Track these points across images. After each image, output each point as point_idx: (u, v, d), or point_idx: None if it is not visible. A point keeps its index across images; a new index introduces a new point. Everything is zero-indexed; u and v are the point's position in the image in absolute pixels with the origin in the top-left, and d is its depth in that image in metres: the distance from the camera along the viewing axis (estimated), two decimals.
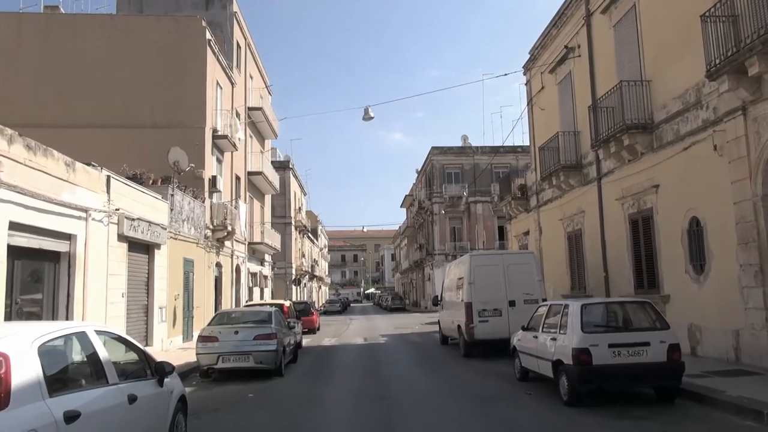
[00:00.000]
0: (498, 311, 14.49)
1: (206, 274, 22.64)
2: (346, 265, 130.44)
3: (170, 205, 18.52)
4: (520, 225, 24.70)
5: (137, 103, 22.95)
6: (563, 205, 19.39)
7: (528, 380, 10.55)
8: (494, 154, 50.54)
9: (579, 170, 17.87)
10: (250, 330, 12.12)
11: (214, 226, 23.62)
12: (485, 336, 14.41)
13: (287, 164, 52.85)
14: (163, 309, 17.59)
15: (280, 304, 17.89)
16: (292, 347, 14.36)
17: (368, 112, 20.62)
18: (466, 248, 52.84)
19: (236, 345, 11.82)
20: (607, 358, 7.95)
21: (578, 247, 18.24)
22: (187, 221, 20.23)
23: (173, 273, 18.68)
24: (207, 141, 23.34)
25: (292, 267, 51.37)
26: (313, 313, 27.46)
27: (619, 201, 15.20)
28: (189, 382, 12.15)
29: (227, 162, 26.73)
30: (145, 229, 15.93)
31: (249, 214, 31.70)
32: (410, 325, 30.87)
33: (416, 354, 16.77)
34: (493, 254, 15.99)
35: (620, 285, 15.23)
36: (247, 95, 31.86)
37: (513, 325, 14.32)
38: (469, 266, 14.80)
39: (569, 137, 18.18)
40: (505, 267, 14.80)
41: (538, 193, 22.21)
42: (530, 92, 22.79)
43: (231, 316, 13.48)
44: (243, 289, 29.50)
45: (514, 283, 14.65)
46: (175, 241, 18.98)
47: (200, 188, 22.49)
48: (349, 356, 16.64)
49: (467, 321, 14.47)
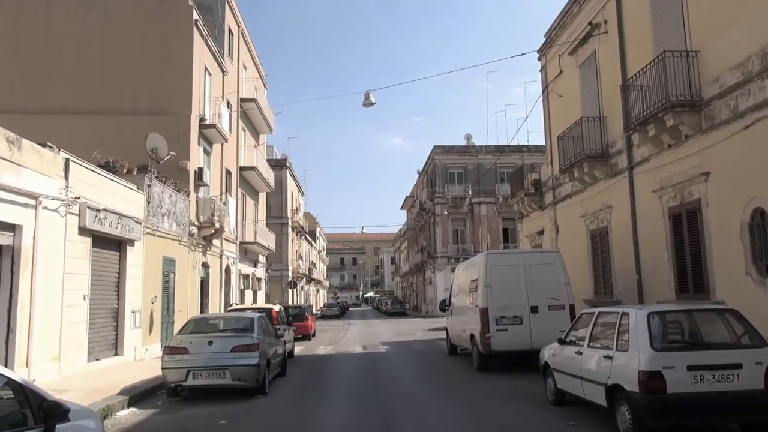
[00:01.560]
0: (518, 318, 12.52)
1: (191, 275, 20.68)
2: (345, 268, 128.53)
3: (147, 196, 16.56)
4: (533, 224, 22.74)
5: (116, 87, 21.03)
6: (585, 201, 17.44)
7: (564, 404, 8.59)
8: (500, 153, 48.65)
9: (605, 160, 15.92)
10: (226, 340, 10.16)
11: (200, 223, 21.65)
12: (503, 347, 12.45)
13: (284, 162, 50.90)
14: (136, 313, 15.61)
15: (268, 308, 15.91)
16: (279, 359, 12.40)
17: (369, 98, 18.71)
18: (470, 251, 50.88)
19: (210, 358, 9.85)
20: (687, 385, 5.99)
21: (603, 246, 16.28)
22: (167, 216, 18.27)
23: (150, 273, 16.72)
24: (193, 130, 21.40)
25: (288, 269, 49.37)
26: (308, 318, 25.47)
27: (656, 193, 13.25)
28: (154, 401, 10.18)
29: (216, 155, 24.79)
30: (115, 222, 13.98)
31: (241, 211, 29.74)
32: (412, 332, 28.88)
33: (422, 366, 14.79)
34: (513, 253, 14.06)
35: (657, 289, 13.28)
36: (241, 85, 29.95)
37: (536, 335, 12.41)
38: (485, 266, 12.84)
39: (593, 124, 16.24)
40: (526, 268, 12.85)
41: (554, 189, 20.26)
42: (546, 78, 20.86)
43: (207, 323, 11.51)
44: (233, 291, 27.52)
45: (536, 286, 12.70)
46: (153, 238, 17.02)
47: (185, 181, 20.53)
48: (347, 369, 14.66)
49: (482, 329, 12.51)
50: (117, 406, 9.25)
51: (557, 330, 12.44)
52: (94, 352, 13.45)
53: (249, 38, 31.81)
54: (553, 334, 12.43)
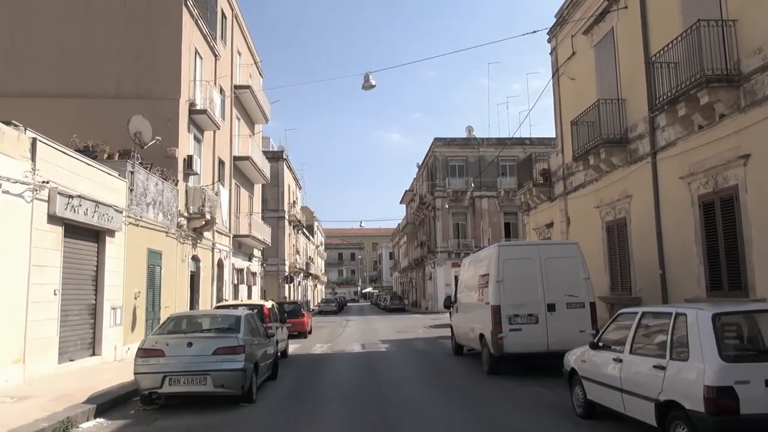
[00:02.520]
0: (533, 317, 11.35)
1: (179, 268, 19.48)
2: (343, 263, 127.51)
3: (129, 184, 15.36)
4: (541, 216, 21.58)
5: (100, 69, 19.77)
6: (600, 190, 16.27)
7: (595, 418, 7.42)
8: (502, 146, 47.44)
9: (624, 146, 14.74)
10: (208, 341, 8.97)
11: (189, 214, 20.45)
12: (517, 349, 11.28)
13: (281, 155, 49.64)
14: (117, 310, 14.43)
15: (260, 305, 14.72)
16: (270, 361, 11.23)
17: (369, 80, 17.51)
18: (471, 246, 49.73)
19: (189, 362, 8.67)
20: (766, 404, 4.83)
21: (621, 239, 15.12)
22: (153, 206, 17.06)
23: (133, 266, 15.54)
24: (182, 115, 20.17)
25: (285, 264, 48.13)
26: (305, 314, 24.29)
27: (684, 180, 12.07)
28: (127, 410, 9.01)
29: (208, 143, 23.56)
30: (91, 210, 12.78)
31: (235, 203, 28.53)
32: (413, 329, 27.73)
33: (426, 369, 13.63)
34: (527, 245, 12.87)
35: (684, 286, 12.12)
36: (234, 72, 28.69)
37: (553, 336, 11.27)
38: (497, 260, 11.66)
39: (611, 107, 15.04)
40: (542, 261, 11.67)
41: (565, 178, 19.08)
42: (556, 61, 19.65)
43: (188, 321, 10.31)
44: (227, 286, 26.34)
45: (553, 281, 11.52)
46: (137, 228, 15.82)
47: (173, 169, 19.33)
48: (344, 371, 13.49)
49: (494, 329, 11.34)
50: (81, 416, 8.08)
51: (576, 330, 11.35)
52: (67, 353, 12.27)
53: (243, 23, 30.51)
54: (572, 334, 11.33)
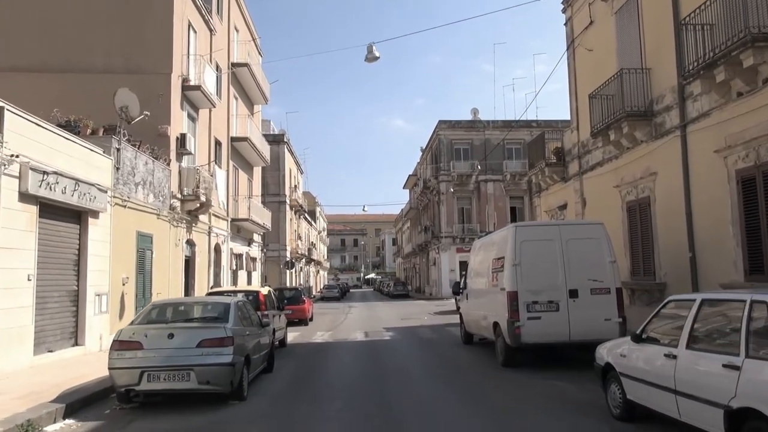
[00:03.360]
0: (554, 304, 10.31)
1: (173, 253, 18.49)
2: (346, 249, 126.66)
3: (115, 162, 14.31)
4: (554, 198, 20.49)
5: (87, 42, 18.67)
6: (621, 168, 15.16)
7: (636, 421, 6.41)
8: (508, 129, 46.19)
9: (648, 119, 13.62)
10: (192, 332, 7.96)
11: (183, 196, 19.42)
12: (536, 339, 10.26)
13: (282, 138, 48.51)
14: (102, 296, 13.46)
15: (255, 291, 13.71)
16: (264, 352, 10.24)
17: (372, 51, 16.41)
18: (476, 230, 48.65)
19: (170, 355, 7.67)
20: None
21: (644, 220, 14.05)
22: (142, 186, 16.03)
23: (121, 250, 14.54)
24: (174, 91, 19.07)
25: (286, 249, 47.18)
26: (305, 301, 23.33)
27: (719, 153, 10.97)
28: (102, 408, 8.03)
29: (203, 121, 22.46)
30: (70, 188, 11.74)
31: (233, 185, 27.48)
32: (418, 315, 26.78)
33: (434, 359, 12.63)
34: (547, 225, 11.79)
35: (718, 269, 11.06)
36: (232, 49, 27.51)
37: (575, 324, 10.24)
38: (513, 241, 10.61)
39: (634, 78, 13.90)
40: (564, 243, 10.61)
41: (581, 157, 17.97)
42: (572, 32, 18.44)
43: (173, 309, 9.28)
44: (224, 272, 25.38)
45: (576, 264, 10.47)
46: (124, 210, 14.81)
47: (165, 148, 18.28)
48: (346, 362, 12.51)
49: (510, 317, 10.31)
50: (46, 418, 7.10)
51: (601, 318, 10.32)
52: (45, 343, 11.31)
53: None
54: (596, 323, 10.30)
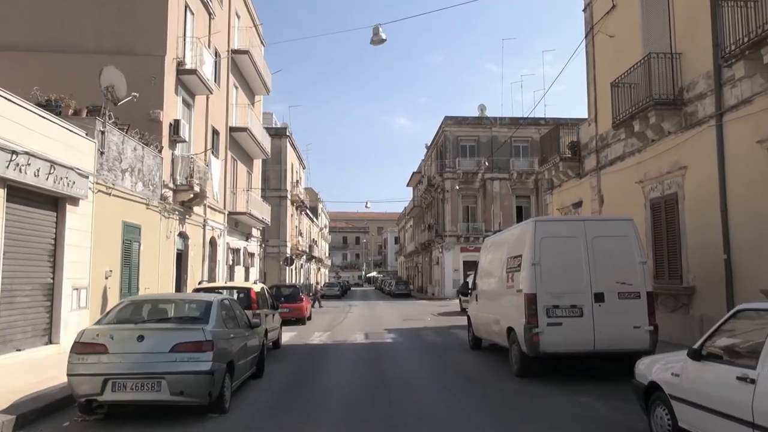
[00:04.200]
0: (577, 309, 9.23)
1: (163, 246, 17.45)
2: (348, 247, 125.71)
3: (99, 145, 13.26)
4: (567, 195, 19.40)
5: (77, 21, 17.66)
6: (645, 162, 14.07)
7: None
8: (516, 126, 45.07)
9: (678, 108, 12.52)
10: (165, 334, 6.89)
11: (176, 186, 18.37)
12: (556, 348, 9.17)
13: (284, 131, 47.45)
14: (81, 291, 12.41)
15: (246, 288, 12.63)
16: (253, 356, 9.18)
17: (378, 33, 15.31)
18: (481, 230, 47.60)
19: (139, 361, 6.61)
20: None
21: (670, 218, 12.96)
22: (130, 173, 14.98)
23: (104, 241, 13.50)
24: (168, 75, 18.01)
25: (287, 246, 46.14)
26: (303, 299, 22.27)
27: (763, 144, 9.88)
28: (61, 420, 6.97)
29: (200, 109, 21.40)
30: (44, 171, 10.69)
31: (231, 177, 26.44)
32: (420, 316, 25.71)
33: (441, 366, 11.55)
34: (571, 221, 10.69)
35: (759, 272, 9.98)
36: (232, 35, 26.44)
37: (601, 332, 9.15)
38: (533, 238, 9.52)
39: (662, 64, 12.80)
40: (589, 240, 9.52)
41: (599, 151, 16.87)
42: (591, 18, 17.33)
43: (145, 307, 8.23)
44: (220, 267, 24.33)
45: (602, 265, 9.38)
46: (108, 198, 13.76)
47: (157, 134, 17.23)
48: (344, 368, 11.43)
49: (528, 322, 9.23)
50: None
51: (630, 326, 9.21)
52: (12, 341, 10.27)
53: None
54: (625, 331, 9.17)
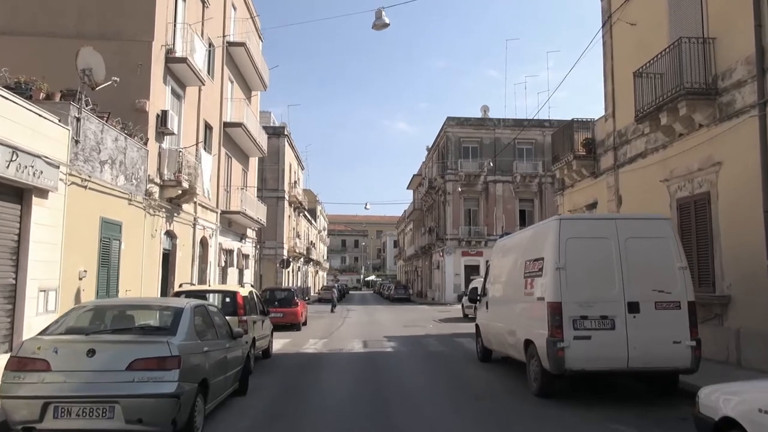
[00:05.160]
0: (608, 320, 8.03)
1: (148, 245, 16.23)
2: (347, 250, 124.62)
3: (74, 133, 12.05)
4: (580, 195, 18.23)
5: (58, 2, 16.46)
6: (670, 159, 12.89)
7: None
8: (520, 128, 43.92)
9: (712, 99, 11.35)
10: (122, 348, 5.69)
11: (163, 181, 17.16)
12: (584, 364, 7.97)
13: (282, 130, 46.37)
14: (50, 293, 11.18)
15: (232, 292, 11.40)
16: (235, 371, 7.98)
17: (381, 16, 14.22)
18: (483, 233, 46.49)
19: (88, 381, 5.41)
20: None
21: (701, 219, 11.77)
22: (111, 165, 13.79)
23: (78, 238, 12.28)
24: (156, 62, 16.82)
25: (283, 248, 44.96)
26: (298, 303, 21.06)
27: None
28: None
29: (191, 101, 20.22)
30: (5, 158, 9.48)
31: (225, 175, 25.26)
32: (421, 323, 24.51)
33: (448, 383, 10.33)
34: (600, 219, 9.43)
35: None
36: (228, 27, 25.28)
37: (635, 347, 7.94)
38: (556, 238, 8.33)
39: (693, 50, 11.63)
40: (621, 242, 8.33)
41: (616, 148, 15.71)
42: (609, 6, 16.19)
43: (108, 313, 7.01)
44: (212, 268, 23.09)
45: (637, 270, 8.20)
46: (84, 191, 12.55)
47: (143, 125, 16.05)
48: (340, 384, 10.22)
49: (551, 335, 8.03)
50: None
51: (669, 340, 7.96)
52: None
53: None
54: (663, 346, 7.90)
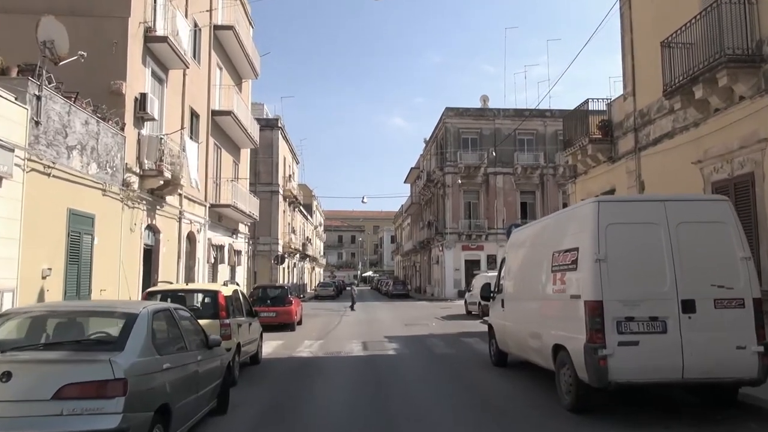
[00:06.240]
0: (659, 322, 6.70)
1: (127, 240, 14.85)
2: (343, 246, 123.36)
3: (34, 113, 10.65)
4: (595, 182, 16.90)
5: None
6: (705, 138, 11.57)
7: None
8: (522, 118, 42.55)
9: (756, 67, 10.02)
10: (47, 370, 4.30)
11: (143, 171, 15.76)
12: (631, 375, 6.63)
13: (275, 122, 44.91)
14: (5, 294, 9.79)
15: (213, 291, 9.99)
16: (212, 386, 6.62)
17: None
18: (483, 227, 45.20)
19: (2, 413, 4.04)
20: None
21: (743, 204, 10.39)
22: (80, 151, 12.38)
23: (41, 232, 10.90)
24: (134, 41, 15.41)
25: (278, 243, 43.56)
26: (292, 301, 19.69)
27: None
28: None
29: (174, 86, 18.78)
30: None
31: (215, 167, 23.87)
32: (423, 320, 23.19)
33: (463, 395, 8.98)
34: (645, 202, 8.00)
35: None
36: (215, 11, 23.83)
37: (691, 353, 6.60)
38: (595, 224, 6.99)
39: (731, 13, 10.29)
40: (672, 228, 7.00)
41: (638, 129, 14.38)
42: None
43: (50, 322, 5.59)
44: (200, 265, 21.72)
45: (691, 261, 6.87)
46: (48, 179, 11.15)
47: (120, 109, 14.66)
48: (337, 397, 8.86)
49: (590, 340, 6.70)
50: None
51: (731, 345, 6.55)
52: None
53: None
54: (725, 352, 6.47)
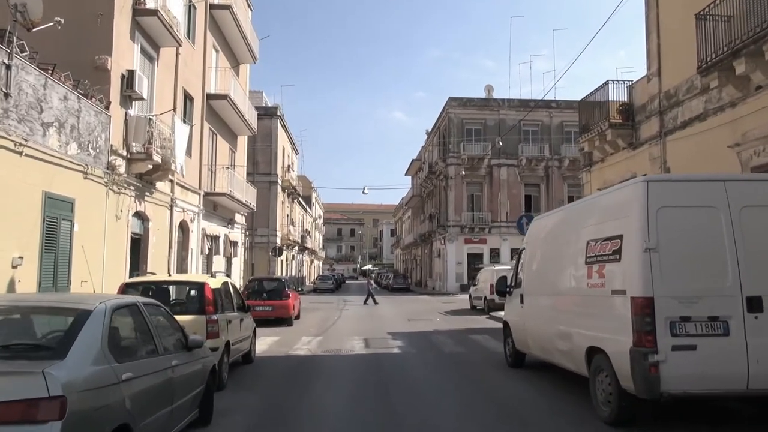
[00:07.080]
0: (720, 323, 5.69)
1: (112, 227, 13.82)
2: (343, 239, 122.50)
3: (2, 83, 9.57)
4: (613, 171, 15.86)
5: None
6: (743, 119, 10.52)
7: None
8: (527, 109, 41.44)
9: None
10: None
11: (130, 154, 14.71)
12: (688, 385, 5.62)
13: (274, 111, 43.81)
14: None
15: (199, 284, 8.92)
16: (193, 395, 5.61)
17: None
18: (487, 219, 44.20)
19: None
20: None
21: None
22: (57, 129, 11.31)
23: (11, 217, 9.85)
24: (120, 13, 14.32)
25: (276, 235, 42.54)
26: (290, 295, 18.67)
27: None
28: None
29: (167, 65, 17.69)
30: None
31: (209, 153, 22.80)
32: (427, 315, 22.21)
33: (480, 404, 7.96)
34: (703, 181, 6.90)
35: None
36: None
37: (758, 359, 5.56)
38: (644, 207, 5.95)
39: None
40: (734, 213, 5.97)
41: (663, 112, 13.33)
42: None
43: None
44: (193, 256, 20.69)
45: (757, 252, 5.85)
46: (20, 158, 10.08)
47: (104, 85, 13.59)
48: (337, 405, 7.85)
49: (638, 343, 5.68)
50: None
51: None
52: None
53: None
54: None
